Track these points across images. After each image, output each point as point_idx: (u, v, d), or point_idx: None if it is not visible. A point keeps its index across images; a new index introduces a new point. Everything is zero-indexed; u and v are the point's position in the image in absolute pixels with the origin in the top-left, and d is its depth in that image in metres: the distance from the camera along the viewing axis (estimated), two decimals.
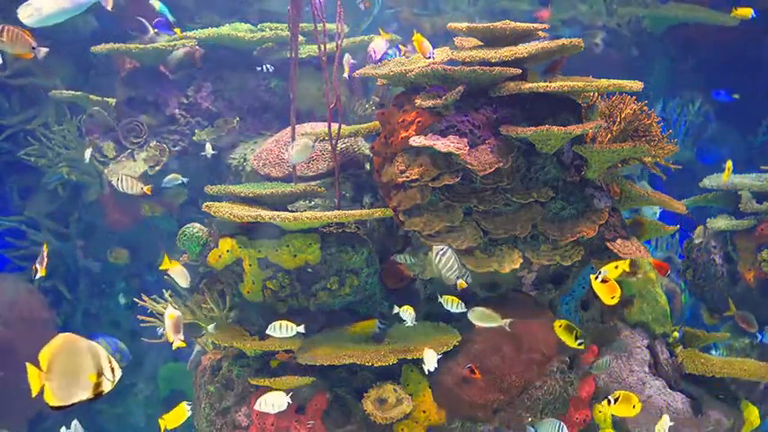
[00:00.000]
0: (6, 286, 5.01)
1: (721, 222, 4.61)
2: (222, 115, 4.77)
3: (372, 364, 3.03)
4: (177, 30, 4.26)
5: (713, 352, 3.86)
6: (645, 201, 3.59)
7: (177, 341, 3.10)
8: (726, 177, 3.50)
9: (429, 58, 3.26)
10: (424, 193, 3.19)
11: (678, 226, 3.91)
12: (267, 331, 3.15)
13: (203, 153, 4.52)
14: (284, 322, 3.13)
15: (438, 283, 3.35)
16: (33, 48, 2.74)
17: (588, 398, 3.38)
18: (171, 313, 3.10)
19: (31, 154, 4.94)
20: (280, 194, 3.46)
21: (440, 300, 3.10)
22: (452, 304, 3.08)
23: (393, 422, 3.09)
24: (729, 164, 3.60)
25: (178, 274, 3.40)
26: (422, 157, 3.19)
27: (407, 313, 3.14)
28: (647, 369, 3.46)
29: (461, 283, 3.03)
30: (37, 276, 3.51)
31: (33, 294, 5.09)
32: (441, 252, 3.01)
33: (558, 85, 3.13)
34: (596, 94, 3.45)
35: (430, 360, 2.94)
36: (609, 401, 2.95)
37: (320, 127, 3.79)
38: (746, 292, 4.55)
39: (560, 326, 3.05)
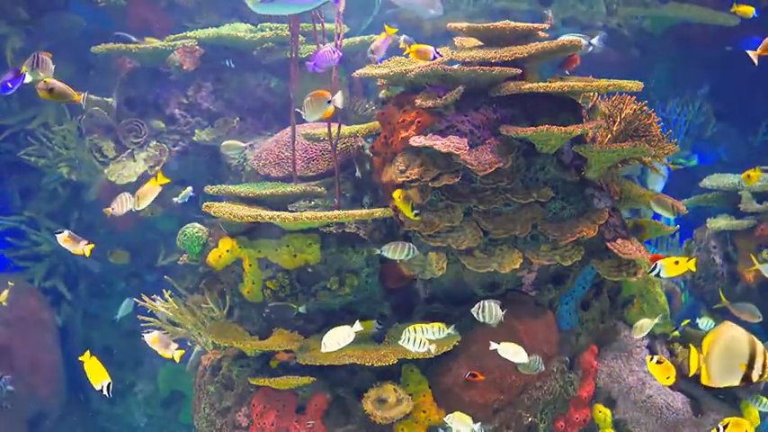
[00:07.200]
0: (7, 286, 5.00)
1: (721, 222, 4.60)
2: (222, 115, 4.77)
3: (372, 364, 3.04)
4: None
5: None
6: (645, 201, 3.59)
7: (175, 353, 3.22)
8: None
9: (434, 59, 3.26)
10: (424, 193, 3.19)
11: (678, 226, 3.91)
12: (384, 252, 3.15)
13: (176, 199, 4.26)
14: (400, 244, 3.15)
15: (438, 282, 3.36)
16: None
17: (588, 398, 3.38)
18: (152, 338, 3.24)
19: (31, 154, 4.93)
20: (280, 194, 3.46)
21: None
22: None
23: (393, 422, 3.09)
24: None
25: None
26: (422, 157, 3.19)
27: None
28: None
29: None
30: None
31: (33, 294, 5.09)
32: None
33: (558, 85, 3.13)
34: (596, 94, 3.45)
35: None
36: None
37: (320, 127, 3.79)
38: (746, 292, 4.55)
39: (399, 196, 3.06)
